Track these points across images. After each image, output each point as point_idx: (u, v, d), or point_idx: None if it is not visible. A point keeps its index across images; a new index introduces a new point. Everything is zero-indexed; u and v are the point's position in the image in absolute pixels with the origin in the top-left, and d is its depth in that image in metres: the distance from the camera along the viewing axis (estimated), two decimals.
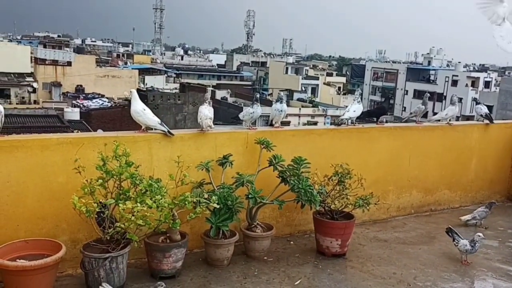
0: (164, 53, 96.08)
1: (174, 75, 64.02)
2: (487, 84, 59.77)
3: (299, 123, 39.07)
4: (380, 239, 5.71)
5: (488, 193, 7.35)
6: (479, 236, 5.05)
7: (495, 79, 60.35)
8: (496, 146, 7.40)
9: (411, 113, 7.02)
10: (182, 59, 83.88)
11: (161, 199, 3.96)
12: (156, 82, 53.36)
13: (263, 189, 4.89)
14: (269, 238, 5.01)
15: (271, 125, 5.72)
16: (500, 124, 7.68)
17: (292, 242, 5.47)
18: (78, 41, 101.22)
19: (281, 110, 5.53)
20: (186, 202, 4.12)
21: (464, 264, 5.09)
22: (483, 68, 78.34)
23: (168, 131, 4.73)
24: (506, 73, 74.95)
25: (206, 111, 4.95)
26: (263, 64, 79.28)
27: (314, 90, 60.49)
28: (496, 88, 54.68)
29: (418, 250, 5.45)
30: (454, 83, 59.24)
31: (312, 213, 5.24)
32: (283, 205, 4.88)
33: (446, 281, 4.71)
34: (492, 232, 6.14)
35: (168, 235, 4.41)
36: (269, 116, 5.84)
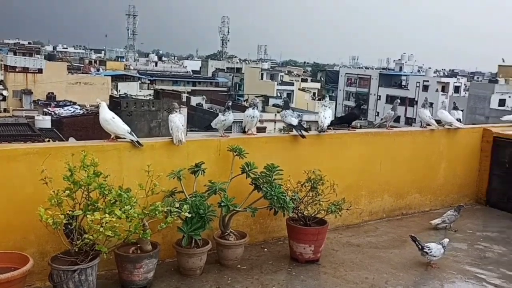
0: (138, 60, 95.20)
1: (148, 82, 63.46)
2: (456, 89, 61.15)
3: (274, 128, 39.17)
4: (353, 244, 5.76)
5: (457, 196, 7.49)
6: (446, 240, 5.20)
7: (465, 84, 61.81)
8: (464, 150, 7.56)
9: (381, 119, 7.12)
10: (156, 65, 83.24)
11: (131, 209, 3.90)
12: (129, 88, 52.80)
13: (236, 197, 4.88)
14: (242, 246, 4.99)
15: (244, 132, 5.72)
16: (468, 128, 7.85)
17: (266, 249, 5.47)
18: (49, 48, 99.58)
19: (253, 116, 5.53)
20: (157, 212, 4.07)
21: (435, 267, 5.17)
22: (453, 73, 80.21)
23: (137, 142, 4.67)
24: (475, 78, 76.82)
25: (177, 121, 4.91)
26: (238, 70, 79.36)
27: (289, 96, 60.84)
28: (465, 93, 55.98)
29: (389, 254, 5.51)
30: (425, 88, 60.45)
31: (285, 220, 5.26)
32: (256, 212, 4.88)
33: (417, 285, 4.79)
34: (461, 235, 6.27)
35: (138, 245, 4.35)
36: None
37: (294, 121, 5.57)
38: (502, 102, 47.69)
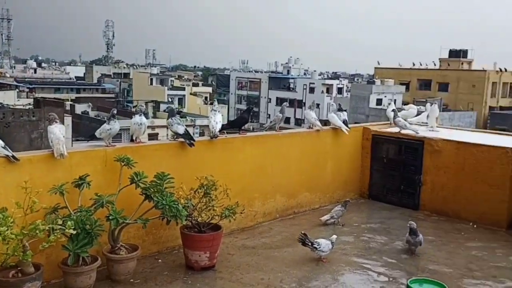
0: (15, 66, 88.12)
1: (27, 90, 58.97)
2: (340, 90, 65.05)
3: (167, 134, 38.52)
4: (248, 246, 5.83)
5: (343, 192, 7.93)
6: (335, 237, 5.48)
7: (346, 86, 65.95)
8: (348, 149, 8.02)
9: (271, 122, 7.32)
10: (35, 72, 77.72)
11: (7, 230, 3.57)
12: (6, 98, 48.56)
13: (125, 209, 4.69)
14: (134, 259, 4.81)
15: (132, 140, 5.52)
16: (351, 128, 8.33)
17: (160, 260, 5.33)
18: None
19: (141, 124, 5.36)
20: (38, 231, 3.77)
21: (326, 261, 5.41)
22: (335, 76, 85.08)
23: (13, 156, 4.30)
24: (355, 79, 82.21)
25: (57, 132, 4.58)
26: (126, 75, 76.94)
27: (181, 101, 60.33)
28: (347, 94, 59.78)
29: (283, 253, 5.67)
30: (312, 90, 63.49)
31: (179, 228, 5.17)
32: (148, 223, 4.73)
33: (309, 280, 4.97)
34: (348, 229, 6.64)
35: (19, 268, 4.00)
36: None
37: (181, 129, 5.49)
38: (379, 102, 51.67)
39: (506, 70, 57.91)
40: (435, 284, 4.68)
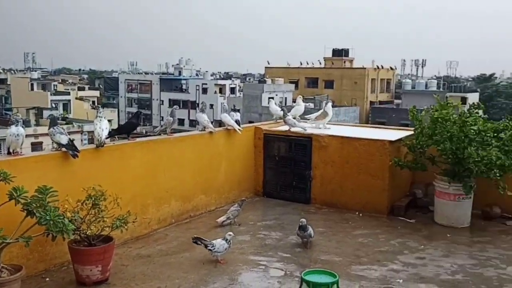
0: None
1: None
2: (232, 90, 65.88)
3: (52, 142, 36.20)
4: (143, 255, 5.67)
5: (239, 191, 8.04)
6: (230, 234, 5.48)
7: (239, 85, 66.98)
8: (241, 149, 8.14)
9: (161, 126, 7.19)
10: None
11: None
12: None
13: (4, 228, 4.31)
14: (18, 281, 4.43)
15: (10, 153, 5.10)
16: (243, 128, 8.47)
17: (48, 279, 4.99)
18: None
19: (18, 135, 4.98)
20: None
21: (223, 263, 5.44)
22: (227, 76, 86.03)
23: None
24: (247, 79, 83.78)
25: None
26: (3, 81, 70.86)
27: (66, 106, 56.97)
28: (240, 93, 60.75)
29: (180, 258, 5.60)
30: (204, 91, 63.56)
31: (67, 243, 4.87)
32: (31, 241, 4.39)
33: (208, 283, 4.97)
34: (245, 228, 6.74)
35: None
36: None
37: (64, 139, 5.19)
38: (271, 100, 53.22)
39: (382, 67, 62.76)
40: (327, 273, 4.91)
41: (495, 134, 6.66)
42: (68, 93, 60.59)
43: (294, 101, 53.83)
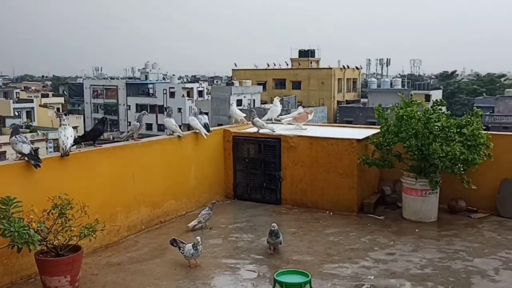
0: None
1: None
2: (200, 93, 65.61)
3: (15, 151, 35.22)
4: (113, 263, 5.57)
5: (209, 195, 7.99)
6: (197, 239, 5.42)
7: (207, 88, 66.76)
8: (211, 152, 8.09)
9: (128, 132, 7.08)
10: None
11: None
12: None
13: None
14: None
15: None
16: (212, 131, 8.43)
17: None
18: None
19: None
20: None
21: (193, 267, 5.39)
22: (195, 79, 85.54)
23: None
24: (215, 82, 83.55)
25: None
26: None
27: (29, 114, 55.56)
28: (208, 96, 60.57)
29: (152, 265, 5.52)
30: (172, 94, 63.06)
31: (34, 254, 4.74)
32: None
33: None
34: (216, 231, 6.71)
35: None
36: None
37: (26, 149, 5.04)
38: (239, 102, 53.25)
39: (348, 67, 63.72)
40: (299, 273, 4.94)
41: (458, 130, 6.84)
42: (32, 101, 59.14)
43: (263, 102, 54.13)
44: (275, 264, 5.52)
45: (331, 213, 7.45)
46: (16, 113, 53.24)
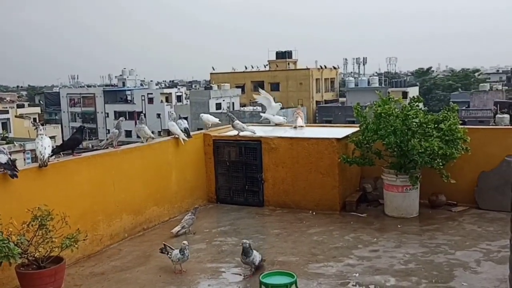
0: None
1: None
2: (179, 98, 65.31)
3: None
4: (96, 273, 5.49)
5: (192, 200, 7.95)
6: (184, 243, 5.39)
7: (185, 93, 66.48)
8: (191, 156, 8.06)
9: (107, 139, 7.01)
10: None
11: None
12: None
13: None
14: None
15: None
16: (192, 135, 8.38)
17: None
18: None
19: None
20: None
21: (178, 273, 5.35)
22: (173, 84, 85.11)
23: None
24: (193, 86, 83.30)
25: None
26: None
27: (5, 125, 54.50)
28: (187, 101, 60.31)
29: (136, 273, 5.47)
30: (150, 100, 62.66)
31: (14, 268, 4.64)
32: None
33: None
34: (200, 236, 6.68)
35: None
36: None
37: (3, 159, 4.96)
38: (218, 106, 53.23)
39: (326, 67, 64.17)
40: (284, 274, 4.95)
41: (436, 125, 6.94)
42: (7, 111, 57.95)
43: (242, 105, 54.09)
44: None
45: (314, 213, 7.48)
46: None
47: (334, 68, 67.02)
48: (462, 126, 7.09)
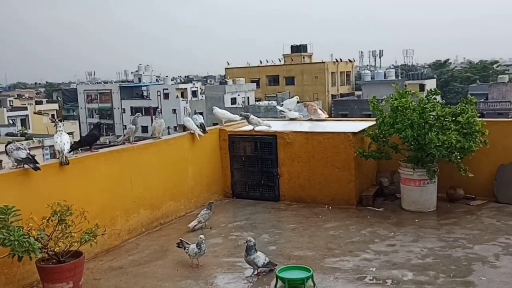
0: None
1: None
2: (194, 93, 65.54)
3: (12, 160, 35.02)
4: (115, 267, 5.57)
5: (208, 195, 7.99)
6: (200, 237, 5.43)
7: (200, 88, 66.70)
8: (207, 152, 8.10)
9: (124, 135, 7.08)
10: None
11: None
12: None
13: None
14: None
15: None
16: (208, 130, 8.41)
17: None
18: None
19: None
20: None
21: (195, 267, 5.40)
22: (188, 79, 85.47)
23: None
24: (208, 81, 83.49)
25: None
26: None
27: (24, 122, 55.39)
28: (202, 96, 60.51)
29: (153, 267, 5.53)
30: (166, 96, 62.97)
31: (35, 262, 4.73)
32: None
33: None
34: (216, 230, 6.71)
35: None
36: None
37: (22, 154, 5.05)
38: (233, 101, 53.30)
39: (341, 60, 63.76)
40: (301, 269, 4.97)
41: (453, 118, 6.86)
42: (26, 108, 58.94)
43: (257, 100, 54.07)
44: (277, 261, 5.51)
45: (330, 207, 7.47)
46: (11, 121, 53.05)
47: (350, 61, 66.54)
48: (481, 119, 6.99)
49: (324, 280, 4.98)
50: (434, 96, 7.24)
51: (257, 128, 8.16)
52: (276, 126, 8.40)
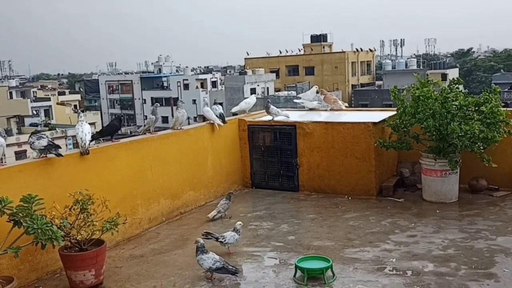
0: None
1: None
2: (214, 84, 65.60)
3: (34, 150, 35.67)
4: (136, 255, 5.65)
5: (227, 185, 8.03)
6: (239, 223, 5.57)
7: (220, 79, 66.71)
8: (226, 142, 8.12)
9: (144, 125, 7.13)
10: None
11: None
12: None
13: None
14: None
15: None
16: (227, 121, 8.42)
17: (41, 287, 4.94)
18: None
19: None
20: None
21: (231, 253, 5.48)
22: (208, 70, 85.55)
23: None
24: (228, 72, 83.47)
25: None
26: None
27: (47, 112, 56.32)
28: (222, 87, 60.53)
29: (174, 256, 5.59)
30: (186, 86, 63.19)
31: (58, 250, 4.83)
32: (20, 251, 4.34)
33: (203, 278, 4.95)
34: (235, 220, 6.69)
35: None
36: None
37: (44, 142, 5.14)
38: (253, 91, 53.13)
39: (362, 50, 62.99)
40: (320, 259, 4.97)
41: (476, 108, 6.73)
42: (49, 99, 59.86)
43: (276, 90, 53.86)
44: (296, 251, 5.53)
45: (349, 198, 7.43)
46: (34, 112, 53.99)
47: (371, 50, 65.69)
48: (505, 109, 6.84)
49: (344, 271, 4.96)
50: (457, 85, 7.10)
51: (276, 118, 8.14)
52: (295, 116, 8.36)
